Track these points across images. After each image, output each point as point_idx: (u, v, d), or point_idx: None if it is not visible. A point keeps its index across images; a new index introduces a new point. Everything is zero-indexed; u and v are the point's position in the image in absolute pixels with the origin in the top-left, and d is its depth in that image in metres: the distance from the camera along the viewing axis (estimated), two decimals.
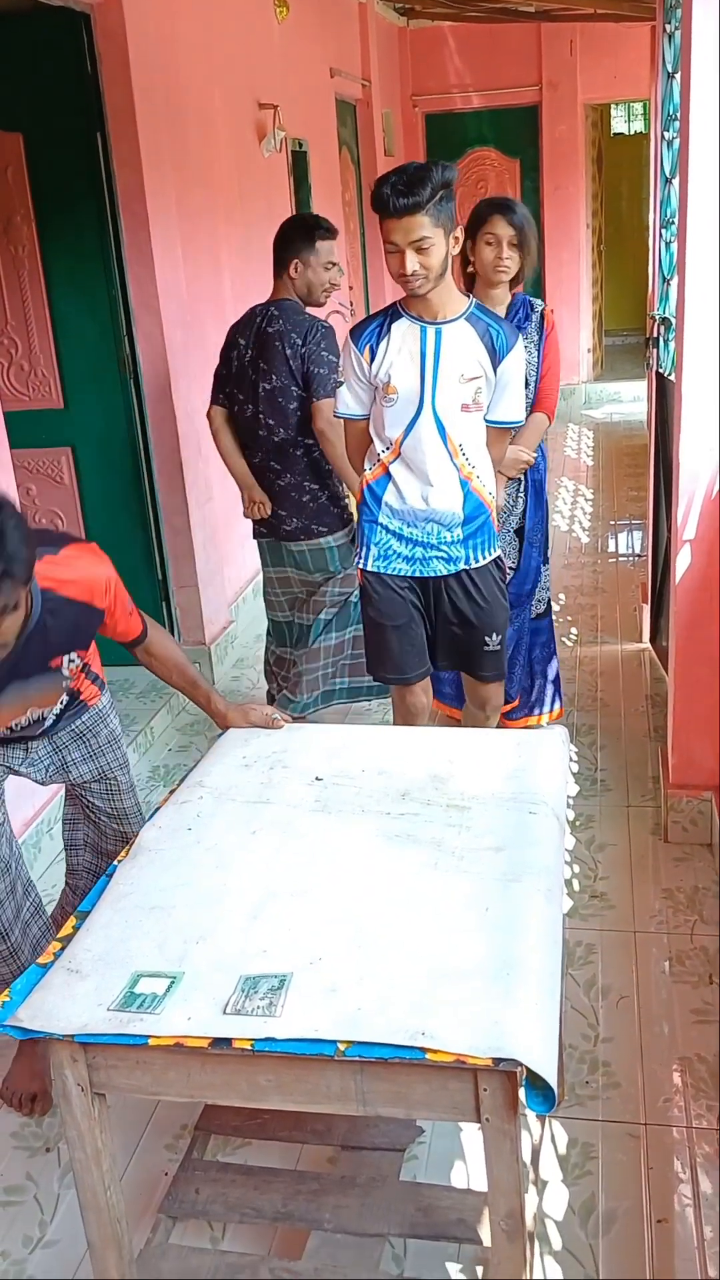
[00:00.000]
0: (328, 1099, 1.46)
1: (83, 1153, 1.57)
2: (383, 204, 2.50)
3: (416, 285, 2.58)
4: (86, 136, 3.90)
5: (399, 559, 2.86)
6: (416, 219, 2.48)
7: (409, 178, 2.47)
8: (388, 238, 2.55)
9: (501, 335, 2.68)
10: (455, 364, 2.67)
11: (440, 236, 2.53)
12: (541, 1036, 1.39)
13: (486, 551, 2.87)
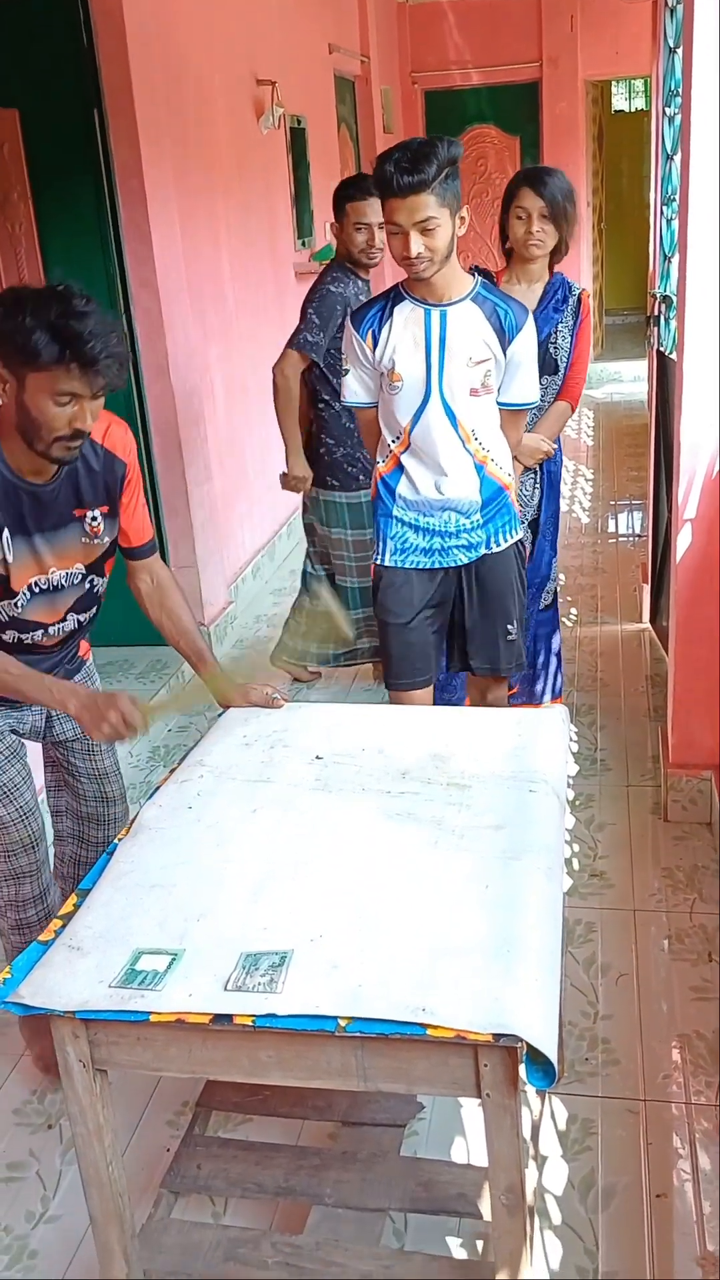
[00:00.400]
0: (329, 1075, 1.46)
1: (84, 1128, 1.58)
2: (385, 182, 2.39)
3: (421, 269, 2.48)
4: (83, 112, 3.88)
5: (417, 552, 2.75)
6: (421, 198, 2.37)
7: (413, 154, 2.36)
8: (390, 218, 2.44)
9: (510, 315, 2.58)
10: (462, 347, 2.58)
11: (446, 217, 2.43)
12: (542, 1013, 1.39)
13: (509, 534, 2.77)
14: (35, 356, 1.83)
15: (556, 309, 3.22)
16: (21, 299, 1.85)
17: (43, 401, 1.88)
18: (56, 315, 1.82)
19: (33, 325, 1.81)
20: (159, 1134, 2.24)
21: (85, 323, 1.83)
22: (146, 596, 2.35)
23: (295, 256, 6.19)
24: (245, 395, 5.34)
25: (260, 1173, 1.87)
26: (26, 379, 1.87)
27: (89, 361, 1.85)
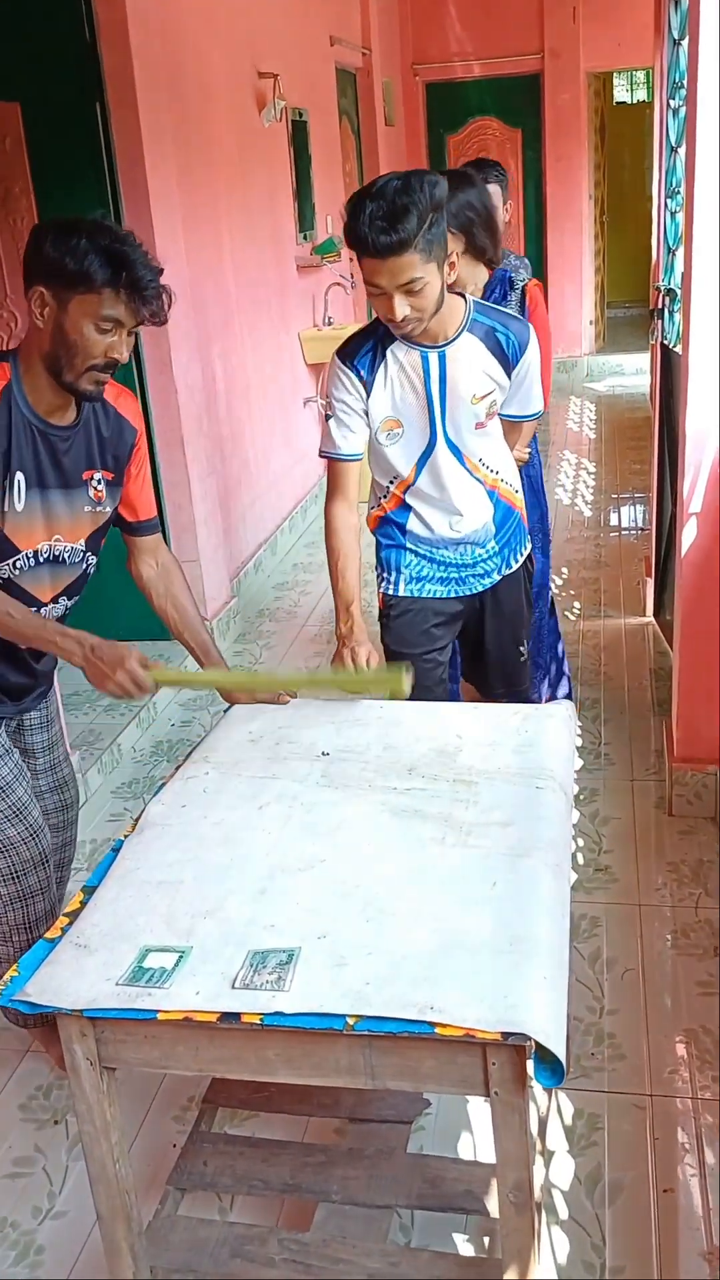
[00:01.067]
0: (336, 1073, 1.46)
1: (91, 1126, 1.57)
2: (360, 242, 2.08)
3: (409, 329, 2.22)
4: (85, 106, 3.85)
5: (434, 582, 2.59)
6: (404, 259, 2.07)
7: (390, 207, 2.04)
8: (369, 279, 2.14)
9: (510, 336, 2.35)
10: (466, 386, 2.36)
11: (433, 272, 2.13)
12: (550, 1010, 1.39)
13: (519, 554, 2.65)
14: (87, 278, 1.85)
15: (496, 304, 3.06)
16: (74, 223, 1.89)
17: (85, 325, 1.89)
18: (111, 240, 1.86)
19: (88, 248, 1.84)
20: (165, 1131, 2.24)
21: (136, 250, 1.88)
22: (150, 583, 2.32)
23: (297, 250, 6.17)
24: (247, 389, 5.33)
25: (267, 1169, 1.87)
26: (70, 302, 1.88)
27: (140, 287, 1.88)
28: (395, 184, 2.08)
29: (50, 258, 1.86)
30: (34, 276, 1.91)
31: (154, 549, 2.32)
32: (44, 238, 1.88)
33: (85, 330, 1.90)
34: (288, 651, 4.58)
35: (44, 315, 1.91)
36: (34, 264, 1.91)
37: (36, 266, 1.90)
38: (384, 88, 8.41)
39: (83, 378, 1.95)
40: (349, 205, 2.12)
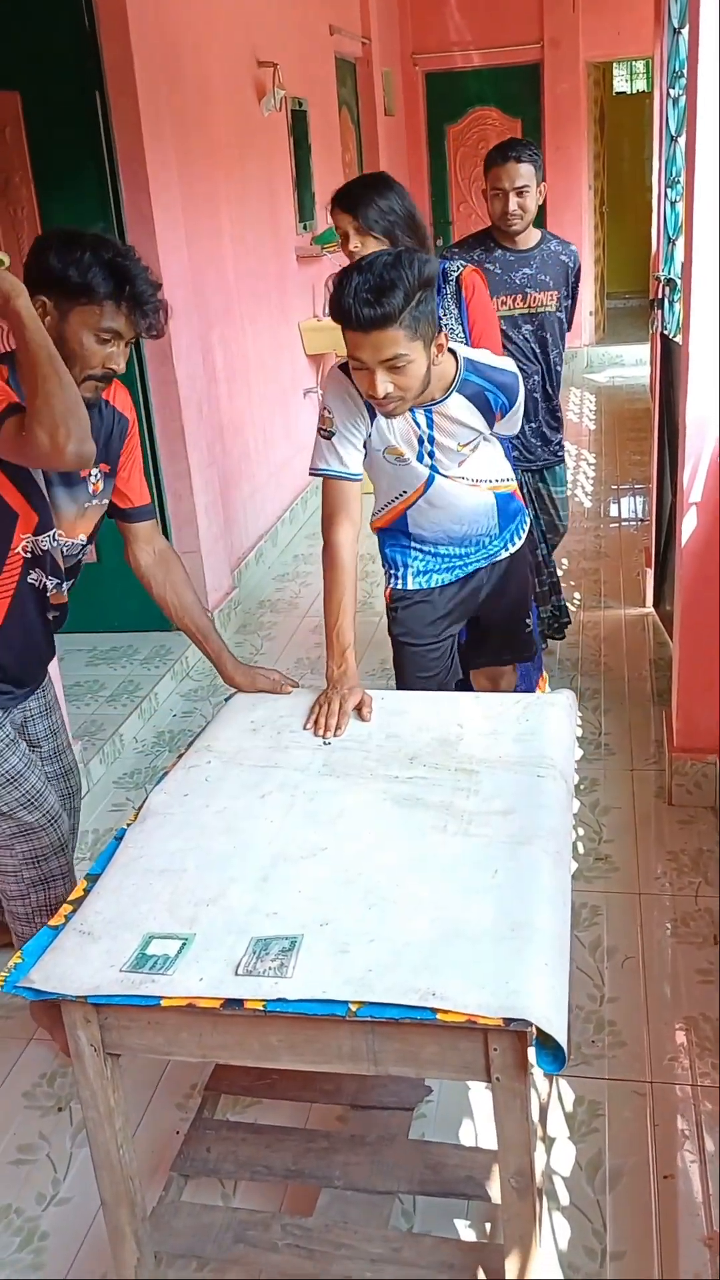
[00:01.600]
0: (339, 1059, 1.47)
1: (95, 1112, 1.58)
2: (344, 315, 2.03)
3: (391, 408, 2.17)
4: (85, 95, 3.85)
5: (440, 572, 2.62)
6: (388, 334, 2.02)
7: (376, 281, 1.98)
8: (352, 353, 2.09)
9: (499, 397, 2.35)
10: (450, 439, 2.37)
11: (418, 350, 2.07)
12: (551, 997, 1.39)
13: (521, 532, 2.67)
14: (90, 290, 1.89)
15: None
16: (78, 236, 1.93)
17: (85, 336, 1.93)
18: (113, 255, 1.91)
19: (91, 260, 1.89)
20: (168, 1118, 2.25)
21: (137, 265, 1.93)
22: (148, 570, 2.33)
23: (296, 240, 6.17)
24: (247, 379, 5.33)
25: (270, 1155, 1.88)
26: (71, 313, 1.92)
27: (141, 301, 1.94)
28: (385, 259, 2.04)
29: (54, 268, 1.89)
30: (36, 285, 1.91)
31: (150, 536, 2.33)
32: (48, 248, 1.91)
33: (85, 341, 1.94)
34: (289, 642, 4.58)
35: (44, 324, 1.91)
36: (36, 273, 1.92)
37: (39, 276, 1.91)
38: (383, 77, 8.39)
39: (80, 386, 1.95)
40: (336, 278, 2.08)
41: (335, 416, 2.33)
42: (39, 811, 2.24)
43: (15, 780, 2.20)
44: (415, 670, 2.65)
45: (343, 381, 2.31)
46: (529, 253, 3.53)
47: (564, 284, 3.58)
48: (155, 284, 1.97)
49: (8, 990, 1.50)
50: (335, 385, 2.33)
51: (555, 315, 3.59)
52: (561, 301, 3.59)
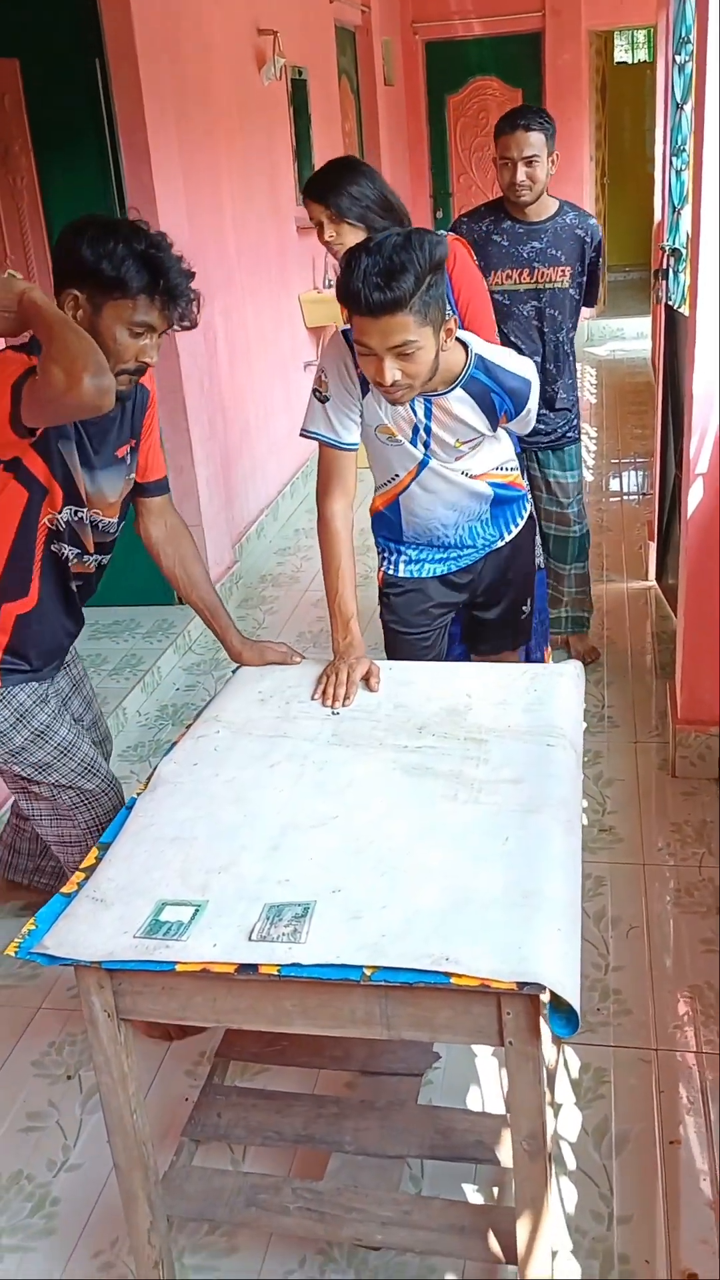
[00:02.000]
0: (352, 1023, 1.47)
1: (109, 1077, 1.59)
2: (353, 298, 1.95)
3: (398, 396, 2.09)
4: (85, 63, 3.81)
5: (432, 562, 2.55)
6: (397, 319, 1.95)
7: (386, 264, 1.92)
8: (359, 338, 2.01)
9: (505, 402, 2.25)
10: (448, 434, 2.28)
11: (428, 336, 2.00)
12: (564, 961, 1.40)
13: (519, 519, 2.57)
14: (123, 285, 1.85)
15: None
16: (112, 226, 1.88)
17: (118, 331, 1.90)
18: (147, 245, 1.86)
19: (125, 253, 1.84)
20: (177, 1085, 2.27)
21: (171, 256, 1.88)
22: (158, 544, 2.33)
23: (297, 211, 6.11)
24: (248, 351, 5.30)
25: (280, 1121, 1.89)
26: (105, 306, 1.89)
27: (175, 295, 1.90)
28: (395, 240, 1.96)
29: (86, 261, 1.85)
30: (67, 278, 1.89)
31: (163, 511, 2.32)
32: (79, 239, 1.87)
33: (118, 335, 1.91)
34: (290, 616, 4.58)
35: (76, 317, 1.90)
36: (67, 266, 1.89)
37: (70, 268, 1.88)
38: (383, 46, 8.31)
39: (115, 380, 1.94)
40: (345, 259, 2.00)
41: (329, 381, 2.28)
42: (97, 778, 2.28)
43: (69, 751, 2.23)
44: (405, 657, 2.58)
45: (341, 349, 2.25)
46: (541, 225, 3.39)
47: (578, 259, 3.42)
48: (189, 274, 1.93)
49: (22, 956, 1.51)
50: (334, 351, 2.28)
51: (566, 292, 3.44)
52: (575, 278, 3.44)
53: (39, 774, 2.24)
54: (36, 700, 2.20)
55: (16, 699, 2.18)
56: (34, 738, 2.20)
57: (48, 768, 2.23)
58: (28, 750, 2.20)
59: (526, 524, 2.62)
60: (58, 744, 2.22)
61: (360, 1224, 1.69)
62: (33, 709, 2.19)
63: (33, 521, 2.06)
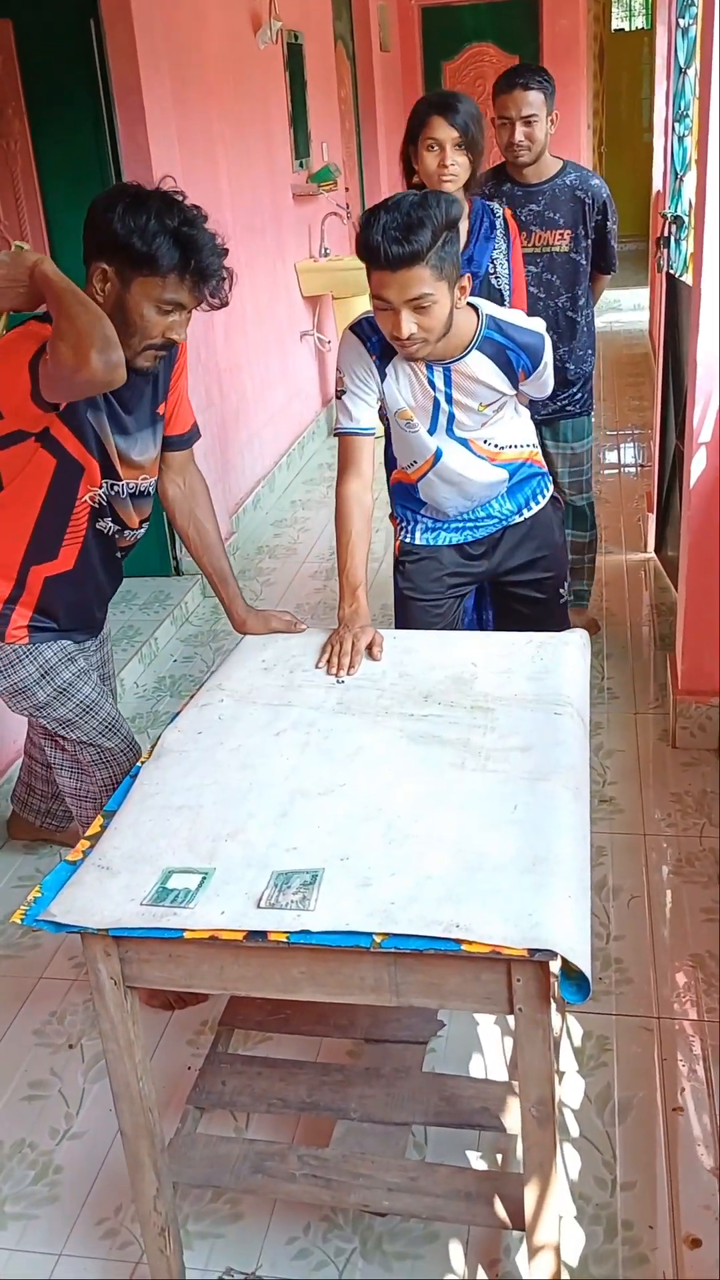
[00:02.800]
0: (361, 990, 1.47)
1: (115, 1044, 1.59)
2: (372, 252, 2.02)
3: (414, 349, 2.13)
4: (79, 23, 3.75)
5: (449, 530, 2.55)
6: (414, 272, 2.01)
7: (404, 219, 1.98)
8: (377, 292, 2.08)
9: (522, 356, 2.28)
10: (470, 399, 2.31)
11: (443, 290, 2.06)
12: (575, 927, 1.39)
13: (540, 497, 2.55)
14: (154, 262, 1.82)
15: (487, 237, 2.95)
16: (144, 199, 1.83)
17: (146, 307, 1.88)
18: (180, 222, 1.82)
19: (156, 229, 1.81)
20: (179, 1053, 2.27)
21: (204, 234, 1.84)
22: (174, 502, 2.32)
23: (293, 178, 6.05)
24: (244, 320, 5.25)
25: (285, 1088, 1.89)
26: (134, 282, 1.86)
27: (207, 274, 1.87)
28: (412, 199, 2.03)
29: (118, 234, 1.82)
30: (97, 251, 1.86)
31: (183, 467, 2.31)
32: (111, 212, 1.83)
33: (146, 312, 1.88)
34: (288, 588, 4.56)
35: (104, 291, 1.88)
36: (98, 238, 1.85)
37: (101, 240, 1.84)
38: (379, 11, 8.20)
39: (140, 355, 1.94)
40: (364, 216, 2.05)
41: (346, 376, 2.32)
42: (118, 736, 2.31)
43: (92, 709, 2.27)
44: (417, 627, 2.57)
45: (354, 343, 2.29)
46: (539, 187, 3.30)
47: (579, 222, 3.32)
48: (222, 251, 1.89)
49: (28, 923, 1.50)
50: (347, 346, 2.31)
51: (567, 256, 3.34)
52: (577, 242, 3.34)
53: (62, 729, 2.29)
54: (62, 658, 2.24)
55: (43, 655, 2.23)
56: (57, 694, 2.24)
57: (70, 724, 2.28)
58: (51, 706, 2.25)
59: (550, 503, 2.59)
60: (80, 701, 2.26)
61: (367, 1190, 1.69)
62: (57, 666, 2.24)
63: (68, 492, 2.06)
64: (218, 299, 1.95)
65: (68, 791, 2.44)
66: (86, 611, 2.31)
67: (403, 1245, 1.86)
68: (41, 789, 2.79)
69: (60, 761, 2.41)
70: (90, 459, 2.05)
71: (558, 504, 2.67)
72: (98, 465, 2.06)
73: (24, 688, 2.24)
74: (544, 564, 2.61)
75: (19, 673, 2.23)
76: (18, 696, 2.27)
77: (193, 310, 1.94)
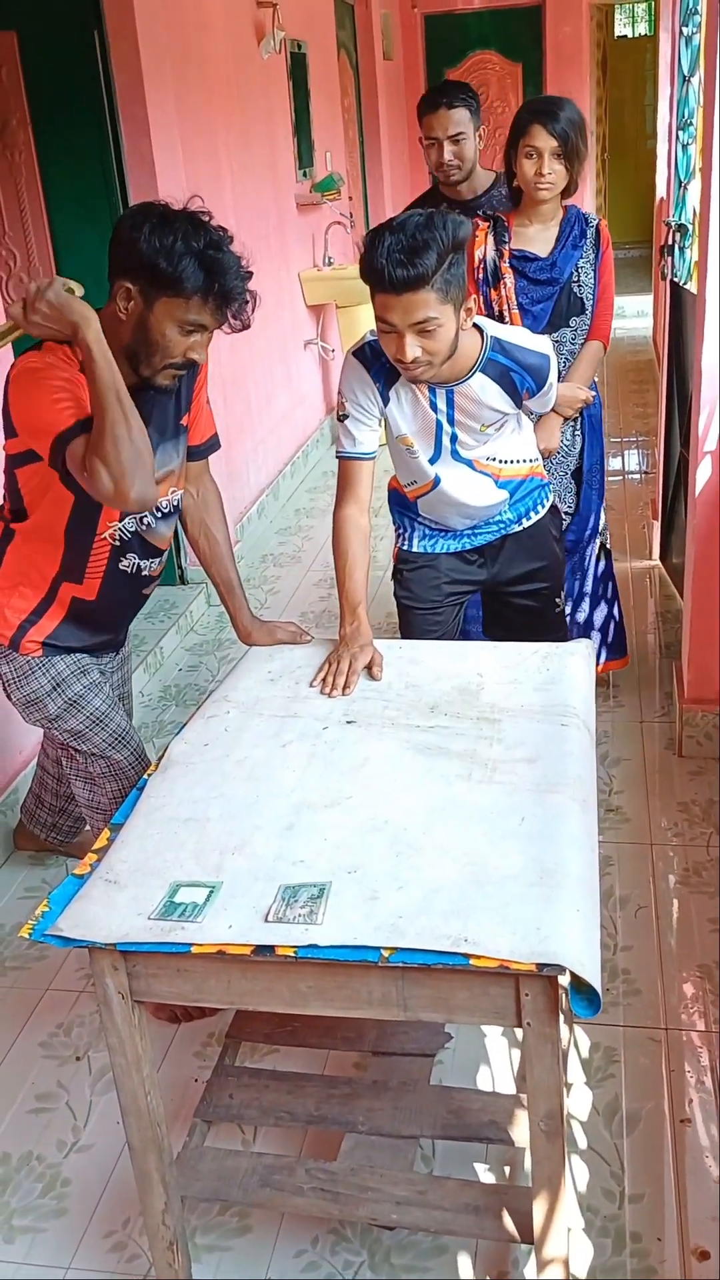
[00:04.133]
0: (369, 1005, 1.46)
1: (123, 1059, 1.58)
2: (376, 275, 1.98)
3: (418, 372, 2.10)
4: (83, 35, 3.76)
5: (447, 539, 2.55)
6: (419, 295, 1.98)
7: (409, 241, 1.94)
8: (381, 314, 2.04)
9: (526, 378, 2.26)
10: (473, 420, 2.30)
11: (449, 314, 2.03)
12: (584, 941, 1.39)
13: (540, 507, 2.55)
14: (178, 283, 1.83)
15: (575, 245, 2.96)
16: (171, 220, 1.84)
17: (169, 327, 1.88)
18: (206, 244, 1.82)
19: (183, 250, 1.81)
20: (185, 1066, 2.27)
21: (230, 256, 1.84)
22: (187, 510, 2.34)
23: (297, 187, 6.06)
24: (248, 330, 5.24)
25: (292, 1101, 1.88)
26: (157, 303, 1.86)
27: (230, 296, 1.87)
28: (417, 219, 1.99)
29: (143, 254, 1.82)
30: (121, 269, 1.86)
31: (198, 476, 2.33)
32: (138, 232, 1.83)
33: (168, 331, 1.89)
34: (292, 596, 4.56)
35: (127, 309, 1.89)
36: (123, 256, 1.85)
37: (126, 259, 1.85)
38: (382, 20, 8.22)
39: (159, 374, 1.95)
40: (368, 238, 2.02)
41: (348, 400, 2.31)
42: (127, 749, 2.33)
43: (102, 721, 2.29)
44: (417, 635, 2.58)
45: (357, 368, 2.27)
46: (476, 201, 3.29)
47: None
48: (246, 274, 1.89)
49: (36, 938, 1.50)
50: (350, 371, 2.29)
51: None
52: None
53: (73, 741, 2.31)
54: (75, 671, 2.27)
55: (55, 668, 2.25)
56: (68, 706, 2.27)
57: (80, 736, 2.30)
58: (62, 718, 2.28)
59: (549, 512, 2.60)
60: (90, 713, 2.28)
61: (375, 1204, 1.69)
62: (69, 679, 2.26)
63: (88, 524, 2.08)
64: (240, 321, 1.95)
65: (82, 802, 2.45)
66: (106, 634, 2.35)
67: (411, 1258, 1.86)
68: (50, 801, 2.80)
69: (74, 772, 2.42)
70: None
71: (556, 513, 2.67)
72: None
73: (36, 699, 2.26)
74: (542, 574, 2.61)
75: (31, 684, 2.25)
76: (30, 708, 2.29)
77: (214, 330, 1.94)
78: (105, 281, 3.93)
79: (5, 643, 2.22)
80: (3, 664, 2.26)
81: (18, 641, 2.21)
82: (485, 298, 2.95)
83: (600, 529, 3.29)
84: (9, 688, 2.29)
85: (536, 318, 2.95)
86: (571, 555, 3.18)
